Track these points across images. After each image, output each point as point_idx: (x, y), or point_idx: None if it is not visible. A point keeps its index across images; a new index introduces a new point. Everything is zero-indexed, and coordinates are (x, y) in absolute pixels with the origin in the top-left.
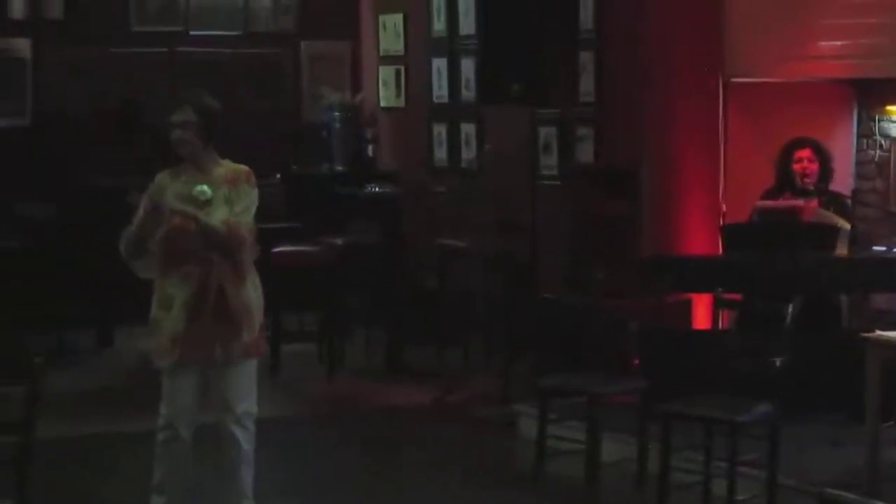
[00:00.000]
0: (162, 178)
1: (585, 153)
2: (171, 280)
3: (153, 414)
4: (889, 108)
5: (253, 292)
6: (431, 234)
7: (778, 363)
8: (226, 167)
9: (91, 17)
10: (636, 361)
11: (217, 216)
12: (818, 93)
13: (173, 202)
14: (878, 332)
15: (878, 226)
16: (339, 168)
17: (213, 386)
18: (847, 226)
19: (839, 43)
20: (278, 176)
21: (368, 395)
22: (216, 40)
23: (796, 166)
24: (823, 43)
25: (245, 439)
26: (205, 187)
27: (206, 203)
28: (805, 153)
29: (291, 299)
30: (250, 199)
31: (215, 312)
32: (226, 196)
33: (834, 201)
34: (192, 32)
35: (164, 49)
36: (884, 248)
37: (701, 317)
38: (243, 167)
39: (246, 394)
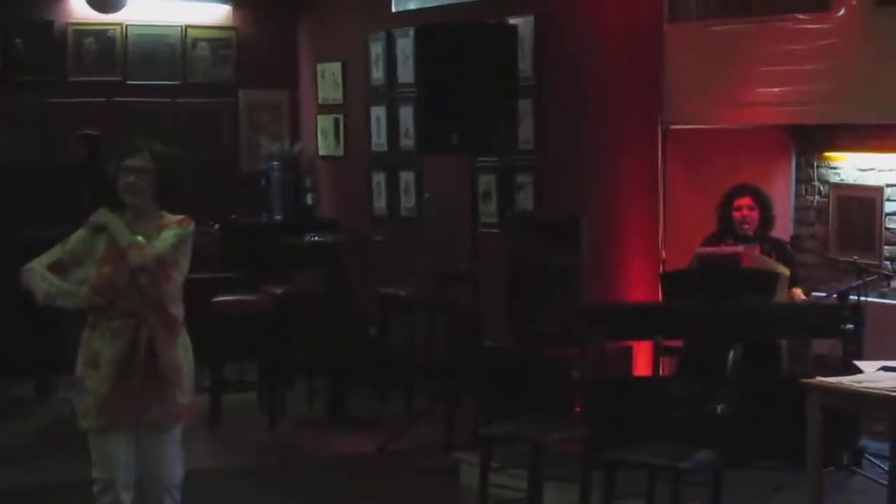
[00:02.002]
0: (83, 232)
1: (526, 201)
2: (98, 335)
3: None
4: (827, 153)
5: (183, 353)
6: (373, 282)
7: (719, 409)
8: (165, 219)
9: (29, 67)
10: (578, 409)
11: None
12: (757, 139)
13: (120, 237)
14: (819, 378)
15: (818, 271)
16: (279, 217)
17: (141, 450)
18: (787, 272)
19: (777, 90)
20: (217, 225)
21: (311, 445)
22: (154, 90)
23: (737, 213)
24: (761, 90)
25: None
26: (141, 238)
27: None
28: (745, 201)
29: (231, 349)
30: (177, 236)
31: (145, 372)
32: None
33: (775, 248)
34: (129, 82)
35: (102, 98)
36: (824, 294)
37: (642, 364)
38: (181, 216)
39: (175, 461)
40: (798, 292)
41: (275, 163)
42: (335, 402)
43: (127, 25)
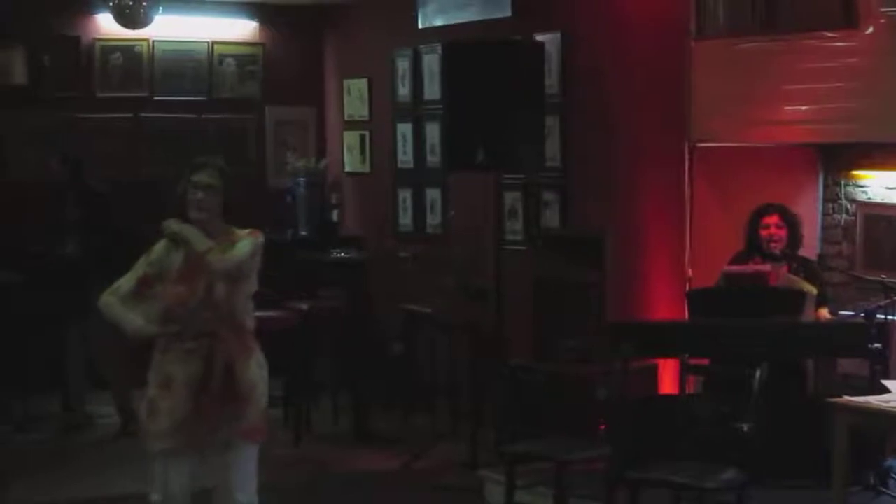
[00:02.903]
0: (164, 244)
1: (551, 218)
2: (172, 356)
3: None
4: (854, 172)
5: (258, 370)
6: (397, 299)
7: (745, 428)
8: (234, 234)
9: (55, 83)
10: (602, 427)
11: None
12: (784, 157)
13: (198, 243)
14: (845, 398)
15: (844, 290)
16: (304, 233)
17: (213, 469)
18: (814, 291)
19: (804, 108)
20: None
21: (335, 461)
22: (181, 106)
23: (764, 232)
24: (788, 107)
25: None
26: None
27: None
28: (773, 219)
29: None
30: (252, 244)
31: (221, 393)
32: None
33: (803, 266)
34: (156, 98)
35: (129, 114)
36: (851, 313)
37: (668, 382)
38: (251, 229)
39: (248, 481)
40: (823, 312)
41: (300, 179)
42: (359, 418)
43: (153, 41)
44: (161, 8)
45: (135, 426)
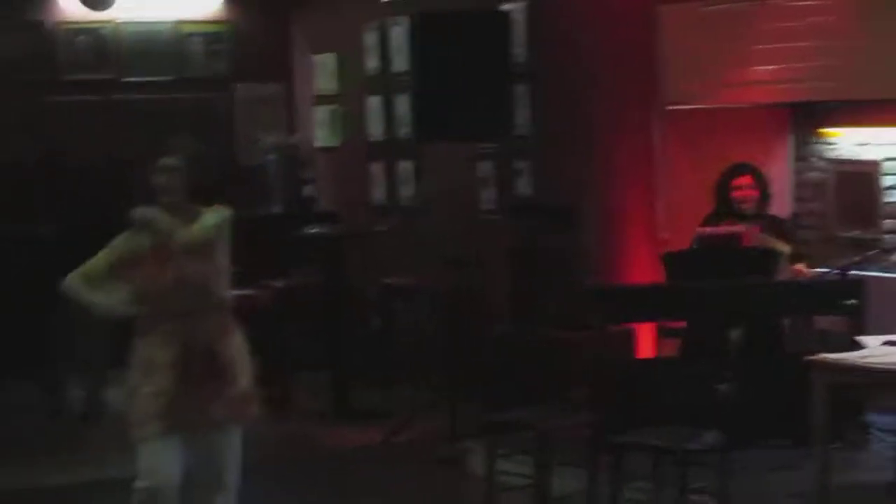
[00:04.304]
0: (133, 229)
1: (524, 186)
2: (151, 340)
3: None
4: (824, 130)
5: (240, 347)
6: (374, 273)
7: (724, 390)
8: (200, 212)
9: (22, 68)
10: (584, 393)
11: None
12: (754, 117)
13: (162, 224)
14: (822, 355)
15: (818, 248)
16: (278, 210)
17: (202, 452)
18: (787, 249)
19: (773, 68)
20: None
21: (316, 438)
22: (150, 86)
23: (735, 193)
24: (758, 68)
25: None
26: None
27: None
28: (744, 180)
29: None
30: (216, 217)
31: (203, 374)
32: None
33: (775, 226)
34: (124, 79)
35: (99, 97)
36: (826, 270)
37: (645, 347)
38: (215, 206)
39: (235, 463)
40: (801, 268)
41: (272, 156)
42: (339, 394)
43: (119, 22)
44: None
45: (97, 413)
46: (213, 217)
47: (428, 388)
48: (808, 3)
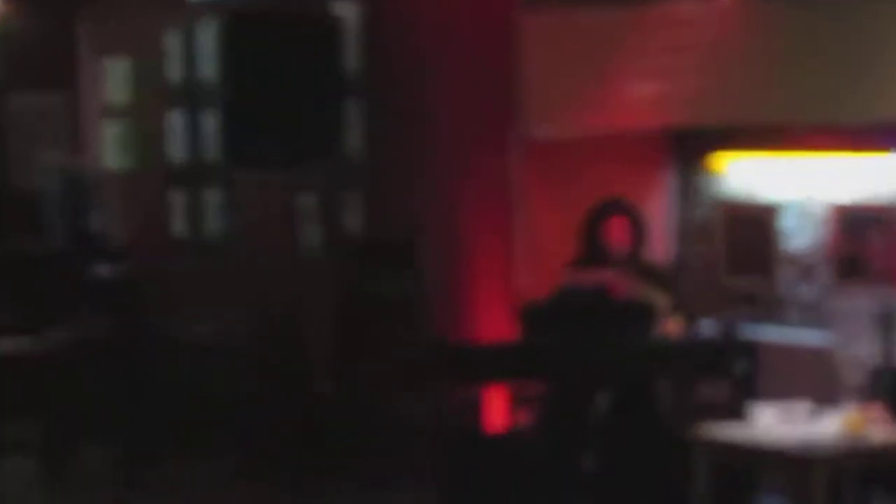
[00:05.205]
0: None
1: (354, 221)
2: None
3: None
4: (712, 163)
5: None
6: (174, 322)
7: (589, 468)
8: None
9: None
10: (423, 470)
11: None
12: (630, 146)
13: None
14: (705, 429)
15: (702, 299)
16: (58, 245)
17: None
18: (666, 301)
19: (653, 87)
20: None
21: None
22: None
23: (606, 236)
24: (635, 87)
25: None
26: None
27: None
28: (616, 220)
29: (3, 405)
30: None
31: None
32: None
33: (651, 273)
34: None
35: None
36: (711, 325)
37: (495, 415)
38: None
39: None
40: (673, 325)
41: (52, 179)
42: (132, 467)
43: None
44: None
45: None
46: None
47: (236, 461)
48: (694, 12)
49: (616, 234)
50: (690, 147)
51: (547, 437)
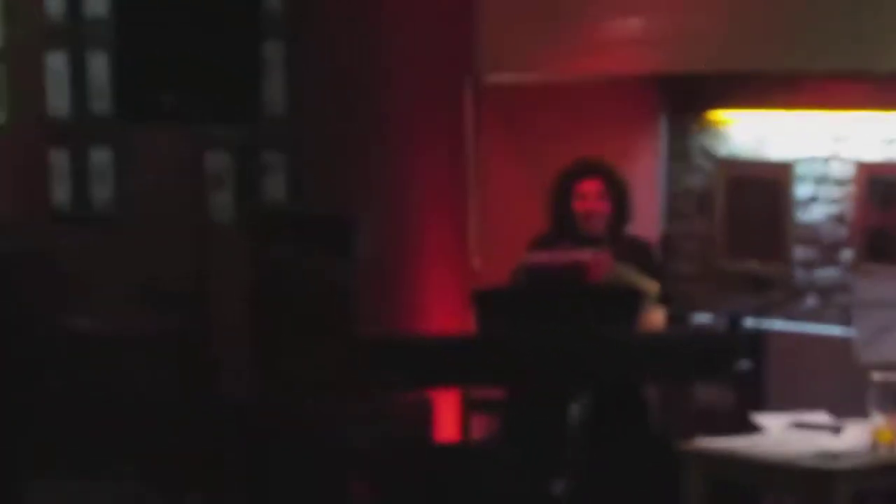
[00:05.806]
0: None
1: (277, 189)
2: None
3: None
4: (711, 116)
5: None
6: (55, 309)
7: (559, 490)
8: None
9: None
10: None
11: None
12: (612, 98)
13: None
14: (702, 441)
15: (698, 285)
16: None
17: None
18: (654, 287)
19: (638, 25)
20: None
21: None
22: None
23: (579, 204)
24: (616, 24)
25: None
26: None
27: None
28: (591, 186)
29: None
30: None
31: None
32: None
33: (635, 253)
34: None
35: None
36: (708, 317)
37: (447, 423)
38: None
39: None
40: (659, 318)
41: None
42: (5, 488)
43: None
44: None
45: None
46: None
47: (134, 481)
48: None
49: (593, 203)
50: (684, 100)
51: (508, 453)
